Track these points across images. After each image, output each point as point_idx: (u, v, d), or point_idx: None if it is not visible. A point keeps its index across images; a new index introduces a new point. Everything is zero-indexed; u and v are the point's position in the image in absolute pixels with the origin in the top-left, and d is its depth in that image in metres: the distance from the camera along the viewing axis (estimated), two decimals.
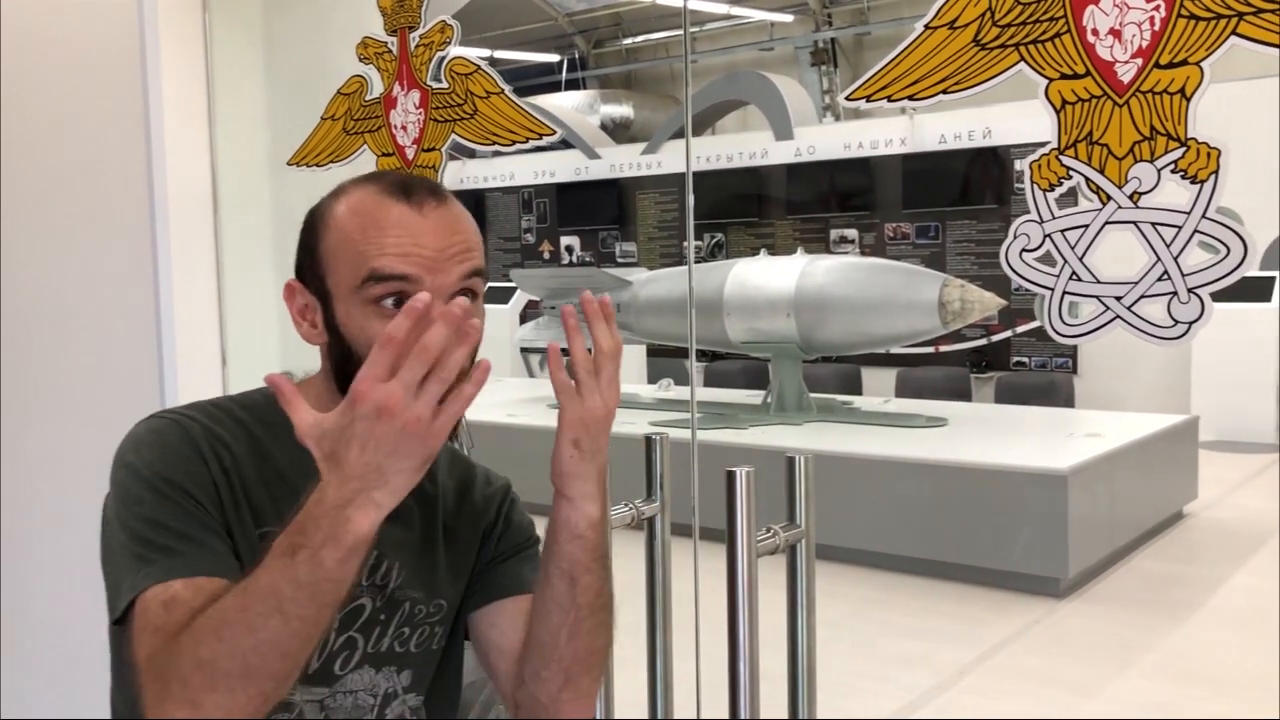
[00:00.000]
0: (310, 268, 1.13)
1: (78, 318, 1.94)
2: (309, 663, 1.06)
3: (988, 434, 6.03)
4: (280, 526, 1.03)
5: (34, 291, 2.01)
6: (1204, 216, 0.98)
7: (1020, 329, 9.30)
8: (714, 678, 1.33)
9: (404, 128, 1.55)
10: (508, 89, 1.44)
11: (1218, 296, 0.97)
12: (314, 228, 1.14)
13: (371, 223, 1.08)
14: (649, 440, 1.40)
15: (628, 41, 16.81)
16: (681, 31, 15.71)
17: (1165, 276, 1.00)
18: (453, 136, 1.48)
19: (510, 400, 7.69)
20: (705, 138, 11.88)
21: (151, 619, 0.96)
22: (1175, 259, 0.99)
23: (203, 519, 1.04)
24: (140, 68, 1.73)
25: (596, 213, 12.16)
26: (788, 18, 14.68)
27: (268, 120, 1.84)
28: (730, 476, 1.20)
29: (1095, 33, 1.00)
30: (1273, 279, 8.17)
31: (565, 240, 12.52)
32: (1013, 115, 8.64)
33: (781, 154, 10.63)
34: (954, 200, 9.59)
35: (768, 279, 6.42)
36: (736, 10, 14.29)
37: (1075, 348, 9.20)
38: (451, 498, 1.25)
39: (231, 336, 1.79)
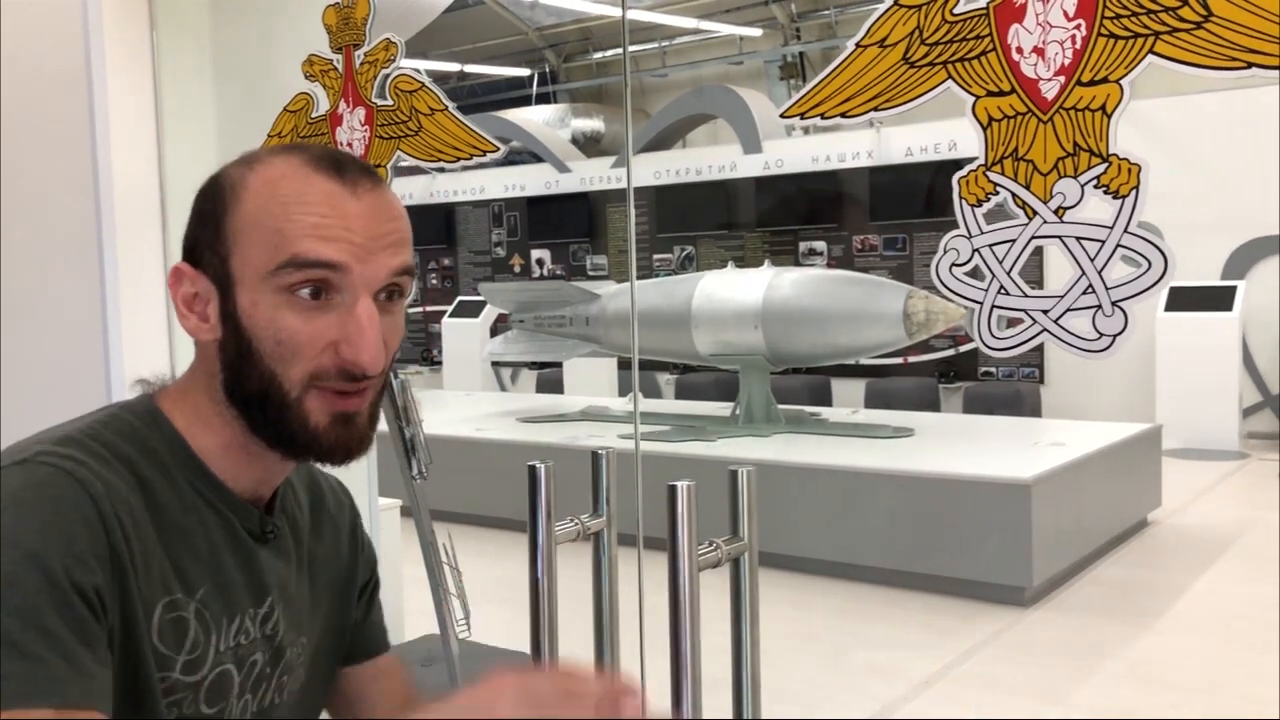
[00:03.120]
0: (210, 245, 0.95)
1: (22, 334, 1.93)
2: None
3: (954, 444, 6.07)
4: (184, 591, 0.92)
5: None
6: (1126, 230, 1.00)
7: None
8: (663, 689, 1.34)
9: (350, 145, 1.55)
10: (451, 106, 1.45)
11: (1181, 306, 0.99)
12: (217, 197, 0.95)
13: (295, 198, 0.92)
14: (595, 455, 1.41)
15: (598, 56, 16.87)
16: (652, 45, 15.77)
17: (1090, 290, 1.02)
18: (398, 153, 1.49)
19: (479, 415, 7.68)
20: (674, 151, 11.93)
21: None
22: (1099, 272, 1.01)
23: (84, 624, 0.82)
24: (86, 81, 1.72)
25: (567, 226, 12.18)
26: (756, 32, 14.79)
27: (216, 134, 1.83)
28: (671, 491, 1.20)
29: (1020, 50, 1.02)
30: (1234, 289, 8.29)
31: (536, 254, 12.53)
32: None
33: (750, 167, 10.70)
34: (920, 212, 9.67)
35: (735, 291, 6.45)
36: (705, 25, 14.38)
37: (1042, 358, 9.28)
38: (308, 519, 1.10)
39: (180, 353, 1.79)
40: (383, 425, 2.14)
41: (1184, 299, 8.05)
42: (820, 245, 10.44)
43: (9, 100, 1.89)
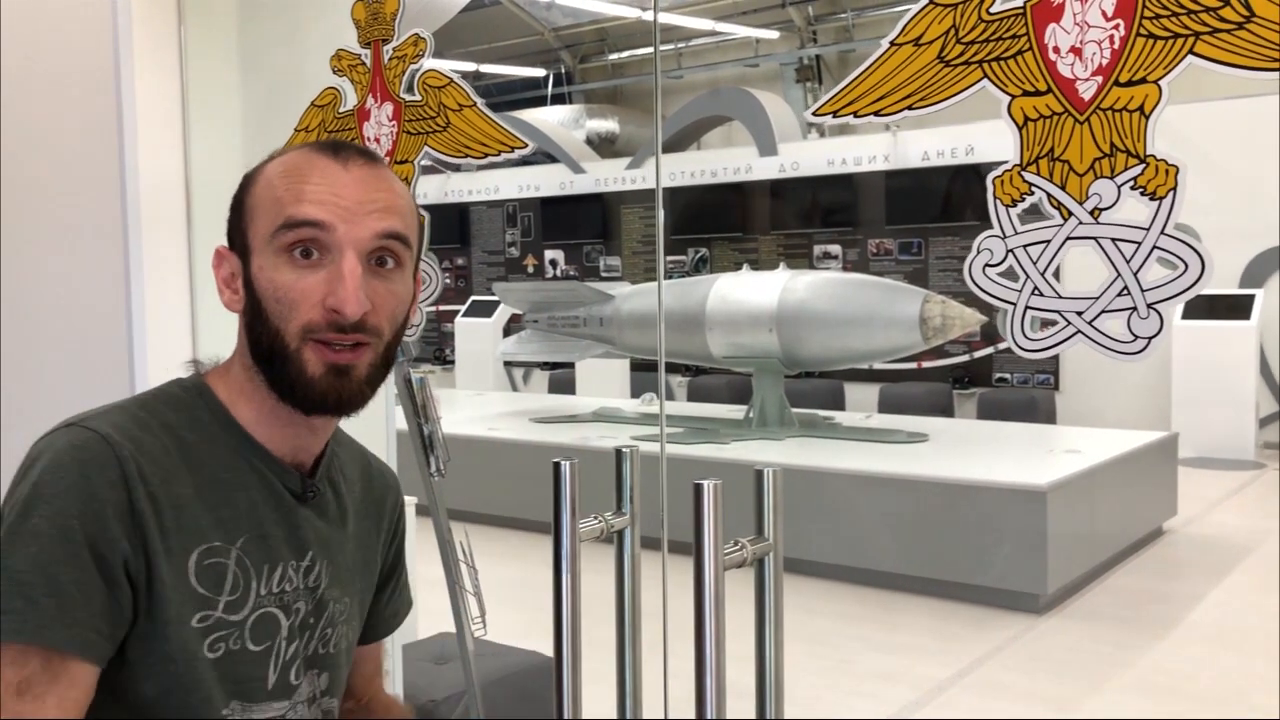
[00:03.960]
0: (236, 225, 1.09)
1: (48, 328, 1.93)
2: (266, 677, 1.05)
3: (969, 450, 6.05)
4: (223, 539, 1.03)
5: (4, 303, 2.00)
6: (1163, 232, 0.99)
7: (1001, 345, 9.34)
8: (683, 691, 1.33)
9: (377, 140, 1.55)
10: (480, 102, 1.45)
11: (1198, 314, 0.98)
12: (244, 186, 1.10)
13: (295, 173, 1.05)
14: (619, 453, 1.40)
15: (613, 57, 16.87)
16: (668, 47, 15.77)
17: (1125, 292, 1.01)
18: (425, 149, 1.49)
19: (492, 414, 7.69)
20: (689, 153, 11.92)
21: None
22: (1135, 274, 1.00)
23: (87, 581, 0.95)
24: (114, 79, 1.72)
25: (581, 227, 12.19)
26: (773, 34, 14.77)
27: (242, 132, 1.84)
28: (697, 489, 1.19)
29: (1056, 50, 1.01)
30: (1252, 296, 8.24)
31: (549, 254, 12.54)
32: (995, 132, 8.64)
33: (765, 170, 10.69)
34: (936, 217, 9.64)
35: (750, 294, 6.45)
36: (721, 27, 14.37)
37: (1057, 364, 9.25)
38: (357, 489, 1.21)
39: (203, 343, 1.79)
40: (402, 423, 2.14)
41: (1201, 307, 8.01)
42: (835, 249, 10.42)
43: (39, 95, 1.89)
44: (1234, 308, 8.16)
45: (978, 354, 9.52)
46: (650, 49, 15.98)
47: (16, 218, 1.95)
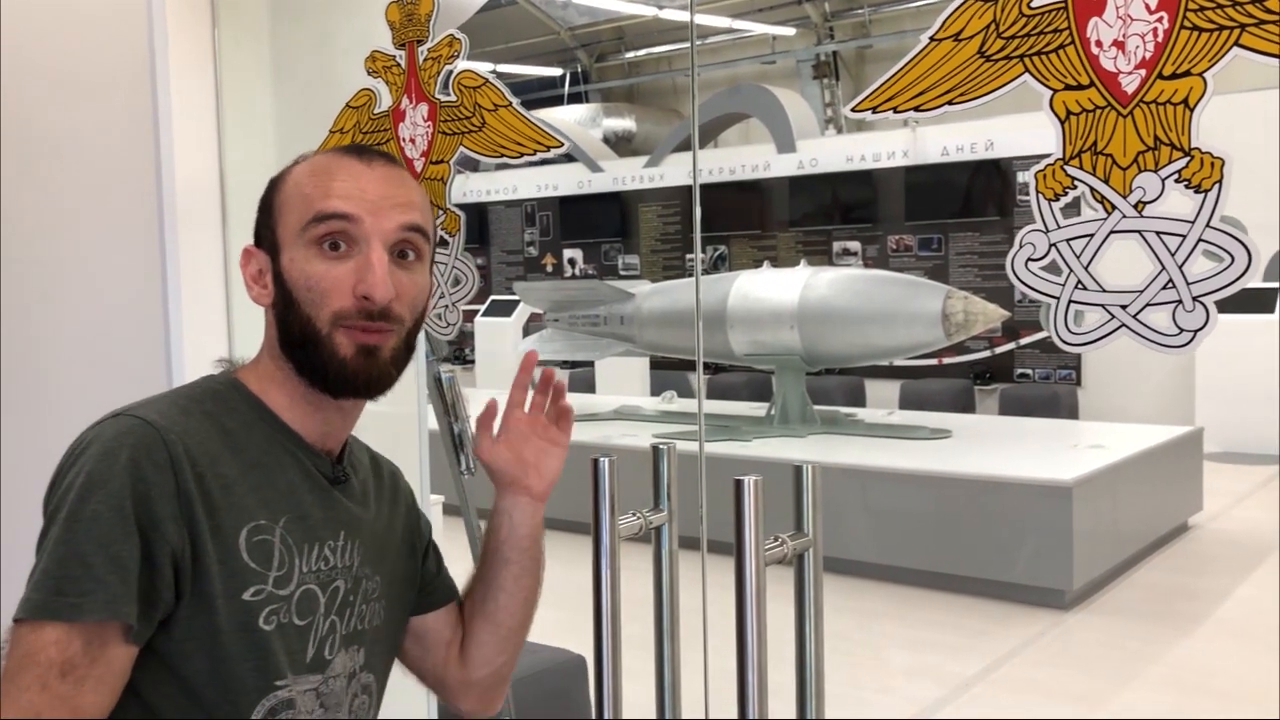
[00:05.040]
0: (264, 224, 1.15)
1: (87, 329, 1.95)
2: (305, 651, 1.09)
3: (992, 446, 6.03)
4: (268, 518, 1.07)
5: (42, 301, 2.02)
6: (1208, 225, 0.98)
7: (1024, 341, 9.30)
8: (721, 690, 1.34)
9: (412, 140, 1.56)
10: (515, 102, 1.45)
11: (1222, 308, 0.97)
12: (272, 187, 1.17)
13: (322, 173, 1.13)
14: (656, 449, 1.40)
15: (630, 55, 16.87)
16: (684, 45, 15.76)
17: (1170, 285, 1.00)
18: (461, 149, 1.50)
19: None
20: (707, 150, 11.91)
21: (37, 671, 0.95)
22: (1180, 267, 1.00)
23: (139, 563, 1.00)
24: (150, 82, 1.74)
25: (599, 226, 12.19)
26: (790, 31, 14.74)
27: (276, 134, 1.85)
28: (738, 485, 1.20)
29: (1099, 44, 1.01)
30: (1276, 290, 8.18)
31: (568, 253, 12.55)
32: (1014, 128, 8.66)
33: (784, 167, 10.67)
34: (956, 212, 9.60)
35: (771, 291, 6.44)
36: (739, 24, 14.35)
37: (1079, 360, 9.20)
38: (370, 473, 1.27)
39: (239, 340, 1.80)
40: (433, 422, 2.15)
41: (1225, 301, 7.93)
42: (854, 245, 10.40)
43: (75, 96, 1.91)
44: (1259, 302, 8.10)
45: (999, 350, 9.47)
46: (669, 47, 15.97)
47: (56, 217, 1.97)
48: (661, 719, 1.38)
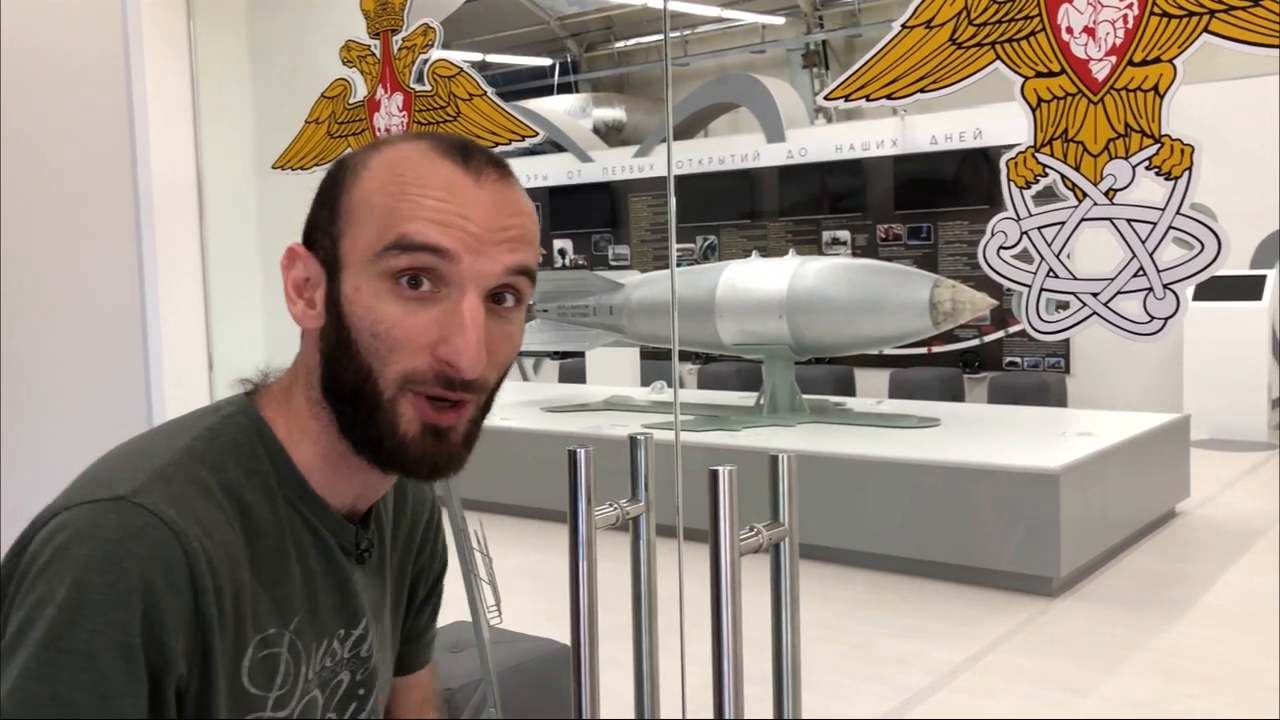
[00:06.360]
0: (325, 226, 0.89)
1: (63, 326, 1.94)
2: None
3: (980, 434, 6.04)
4: (278, 624, 0.89)
5: (17, 299, 2.01)
6: (1178, 212, 0.98)
7: (1012, 329, 9.32)
8: (699, 679, 1.34)
9: (388, 130, 1.55)
10: (490, 91, 1.45)
11: (1209, 295, 0.98)
12: (339, 178, 0.90)
13: (413, 179, 0.86)
14: (634, 440, 1.40)
15: (619, 45, 16.83)
16: (676, 34, 15.73)
17: (1141, 273, 1.01)
18: None
19: (503, 404, 7.68)
20: (697, 140, 11.90)
21: None
22: (1151, 255, 1.00)
23: (144, 708, 0.79)
24: (125, 73, 1.73)
25: (589, 216, 12.18)
26: (779, 20, 14.71)
27: (253, 124, 1.84)
28: (713, 475, 1.20)
29: (1070, 30, 1.01)
30: (1263, 277, 8.20)
31: (558, 243, 12.54)
32: (1003, 116, 8.66)
33: (773, 156, 10.66)
34: (945, 201, 9.61)
35: (759, 281, 6.43)
36: (728, 13, 14.32)
37: (1068, 348, 9.22)
38: (394, 520, 1.05)
39: (217, 341, 1.79)
40: None
41: (1212, 288, 7.96)
42: (844, 234, 10.40)
43: (49, 90, 1.90)
44: (1245, 289, 8.13)
45: (988, 338, 9.49)
46: (659, 36, 15.94)
47: (29, 215, 1.96)
48: (639, 707, 1.38)
